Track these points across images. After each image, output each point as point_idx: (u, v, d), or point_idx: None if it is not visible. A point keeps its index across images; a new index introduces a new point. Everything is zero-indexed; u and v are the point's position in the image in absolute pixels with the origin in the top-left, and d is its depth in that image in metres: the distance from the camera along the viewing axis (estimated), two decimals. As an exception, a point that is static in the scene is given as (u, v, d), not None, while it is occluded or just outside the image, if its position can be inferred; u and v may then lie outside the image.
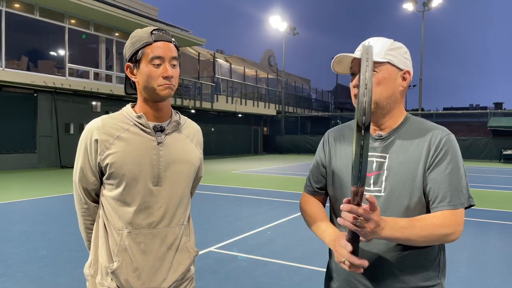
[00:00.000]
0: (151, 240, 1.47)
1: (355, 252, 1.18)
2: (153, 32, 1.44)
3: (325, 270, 1.61)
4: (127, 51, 1.47)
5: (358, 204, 1.09)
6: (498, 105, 47.35)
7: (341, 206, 1.11)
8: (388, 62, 1.37)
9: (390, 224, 1.20)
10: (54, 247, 5.16)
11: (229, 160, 22.59)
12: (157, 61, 1.42)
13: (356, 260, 1.18)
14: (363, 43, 1.43)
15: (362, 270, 1.21)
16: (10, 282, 3.98)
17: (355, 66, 1.40)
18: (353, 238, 1.13)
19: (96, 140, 1.45)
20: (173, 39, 1.48)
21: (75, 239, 5.39)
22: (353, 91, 1.41)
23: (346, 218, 1.11)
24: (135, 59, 1.45)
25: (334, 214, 1.53)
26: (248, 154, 28.89)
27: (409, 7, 28.60)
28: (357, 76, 1.38)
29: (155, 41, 1.43)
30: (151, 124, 1.49)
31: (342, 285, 1.46)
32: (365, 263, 1.19)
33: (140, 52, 1.43)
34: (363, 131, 1.00)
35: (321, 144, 1.61)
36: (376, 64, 1.36)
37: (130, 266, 1.45)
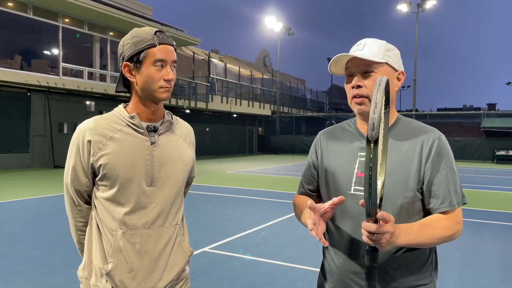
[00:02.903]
0: (146, 240, 1.47)
1: (374, 262, 1.20)
2: (157, 33, 1.44)
3: (318, 270, 1.61)
4: (127, 50, 1.45)
5: (376, 221, 1.14)
6: (492, 106, 47.65)
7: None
8: (386, 63, 1.40)
9: (405, 231, 1.24)
10: (47, 248, 5.13)
11: (224, 160, 22.57)
12: (160, 64, 1.43)
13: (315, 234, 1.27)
14: (358, 43, 1.44)
15: (320, 234, 1.28)
16: (2, 283, 3.95)
17: (353, 67, 1.40)
18: (371, 257, 1.18)
19: (89, 141, 1.44)
20: (174, 43, 1.49)
21: (68, 239, 5.33)
22: (352, 92, 1.41)
23: (363, 234, 1.17)
24: (136, 60, 1.43)
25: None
26: (243, 154, 28.87)
27: (403, 8, 28.74)
28: (356, 77, 1.40)
29: (160, 43, 1.43)
30: (144, 124, 1.48)
31: (336, 285, 1.46)
32: (325, 243, 1.29)
33: (143, 53, 1.42)
34: (372, 144, 1.06)
35: (313, 146, 1.62)
36: (376, 64, 1.38)
37: (125, 267, 1.45)
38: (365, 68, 1.38)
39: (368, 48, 1.39)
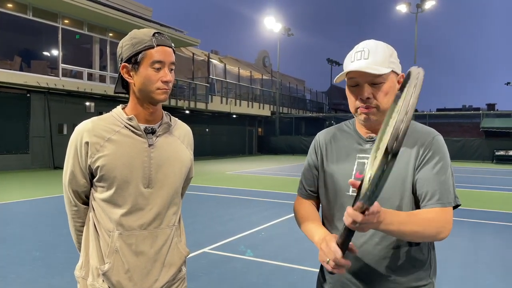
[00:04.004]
0: (142, 241, 1.47)
1: (343, 249, 1.17)
2: (155, 35, 1.44)
3: (318, 270, 1.61)
4: (125, 51, 1.45)
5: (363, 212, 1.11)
6: (491, 106, 47.60)
7: (346, 211, 1.12)
8: (392, 70, 1.37)
9: (389, 218, 1.19)
10: (47, 249, 5.13)
11: (224, 161, 22.56)
12: (157, 65, 1.42)
13: (342, 260, 1.18)
14: (361, 49, 1.38)
15: (344, 271, 1.22)
16: (2, 284, 3.95)
17: (359, 77, 1.35)
18: (347, 235, 1.14)
19: (87, 143, 1.44)
20: (172, 44, 1.49)
21: (68, 240, 5.33)
22: (357, 103, 1.37)
23: (346, 220, 1.12)
24: (134, 61, 1.44)
25: (325, 218, 1.53)
26: (243, 155, 28.87)
27: (402, 8, 28.78)
28: (365, 90, 1.35)
29: (158, 45, 1.43)
30: (142, 126, 1.49)
31: (335, 286, 1.47)
32: (349, 263, 1.20)
33: (141, 54, 1.42)
34: (389, 156, 0.94)
35: (312, 146, 1.61)
36: (384, 75, 1.34)
37: (122, 268, 1.45)
38: (373, 79, 1.34)
39: (373, 56, 1.35)
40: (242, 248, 5.24)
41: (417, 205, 1.38)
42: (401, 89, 1.14)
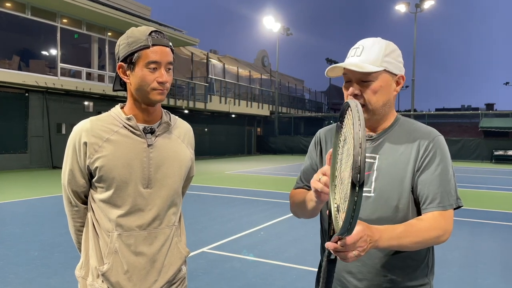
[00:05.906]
0: (142, 241, 1.46)
1: (333, 273, 1.17)
2: (152, 34, 1.41)
3: (317, 270, 1.61)
4: (121, 50, 1.43)
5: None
6: (490, 106, 47.68)
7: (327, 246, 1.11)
8: (385, 70, 1.35)
9: (387, 234, 1.19)
10: (46, 249, 5.12)
11: (223, 161, 22.55)
12: (153, 66, 1.40)
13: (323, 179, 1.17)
14: (356, 45, 1.40)
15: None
16: (1, 284, 3.94)
17: (350, 74, 1.37)
18: (333, 262, 1.15)
19: (85, 143, 1.43)
20: (170, 43, 1.45)
21: (66, 240, 5.35)
22: (349, 98, 1.38)
23: (329, 248, 1.12)
24: (130, 61, 1.41)
25: (322, 218, 1.53)
26: (242, 155, 28.86)
27: (401, 8, 28.79)
28: (352, 87, 1.36)
29: (153, 45, 1.39)
30: (141, 126, 1.47)
31: (334, 285, 1.46)
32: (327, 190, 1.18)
33: (136, 54, 1.39)
34: (357, 188, 0.97)
35: (313, 143, 1.61)
36: (374, 74, 1.34)
37: (121, 268, 1.44)
38: (362, 77, 1.34)
39: (366, 54, 1.34)
40: (242, 248, 5.24)
41: (417, 205, 1.37)
42: (340, 119, 1.16)
